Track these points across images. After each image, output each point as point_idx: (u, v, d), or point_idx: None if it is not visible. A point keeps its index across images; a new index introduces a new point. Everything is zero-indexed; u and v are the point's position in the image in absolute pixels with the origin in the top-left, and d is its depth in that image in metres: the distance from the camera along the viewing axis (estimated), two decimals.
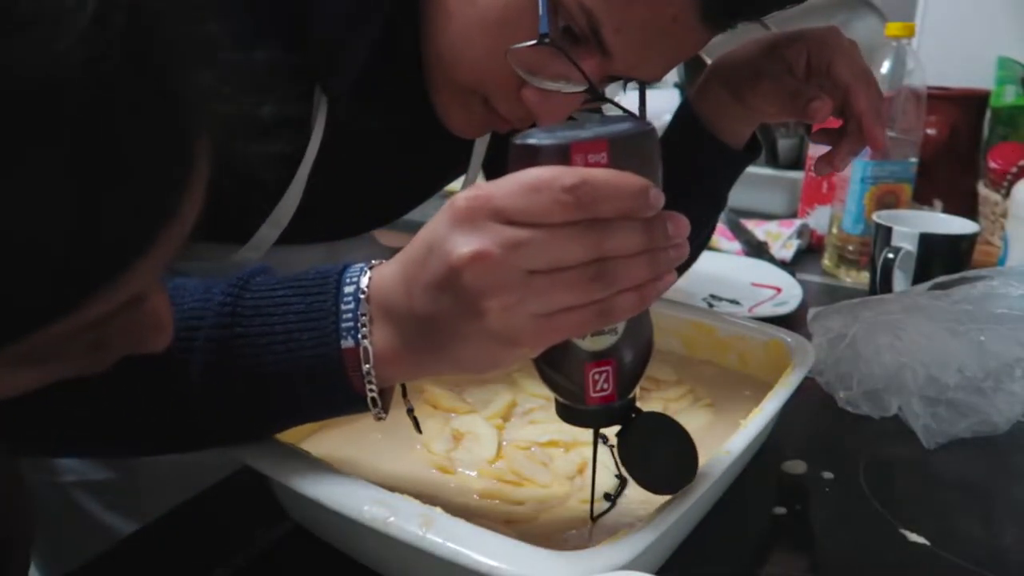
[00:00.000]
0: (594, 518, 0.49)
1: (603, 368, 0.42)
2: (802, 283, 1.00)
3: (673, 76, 1.46)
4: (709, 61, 0.70)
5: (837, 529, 0.55)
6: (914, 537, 0.53)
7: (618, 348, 0.42)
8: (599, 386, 0.42)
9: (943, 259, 0.88)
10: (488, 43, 0.53)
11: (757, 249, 1.15)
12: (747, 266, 1.08)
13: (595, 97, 0.54)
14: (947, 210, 1.12)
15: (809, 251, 1.20)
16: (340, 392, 0.43)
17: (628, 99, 0.67)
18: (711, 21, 0.51)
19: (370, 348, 0.42)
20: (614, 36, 0.51)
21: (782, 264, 1.10)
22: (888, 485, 0.60)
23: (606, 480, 0.52)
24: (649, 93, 0.62)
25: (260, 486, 0.56)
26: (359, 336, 0.42)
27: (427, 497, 0.43)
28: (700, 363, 0.70)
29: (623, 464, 0.45)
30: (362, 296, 0.42)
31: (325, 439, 0.57)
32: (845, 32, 0.64)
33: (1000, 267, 0.95)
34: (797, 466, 0.61)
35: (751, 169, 0.74)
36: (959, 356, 0.64)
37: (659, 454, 0.44)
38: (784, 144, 1.40)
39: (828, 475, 0.60)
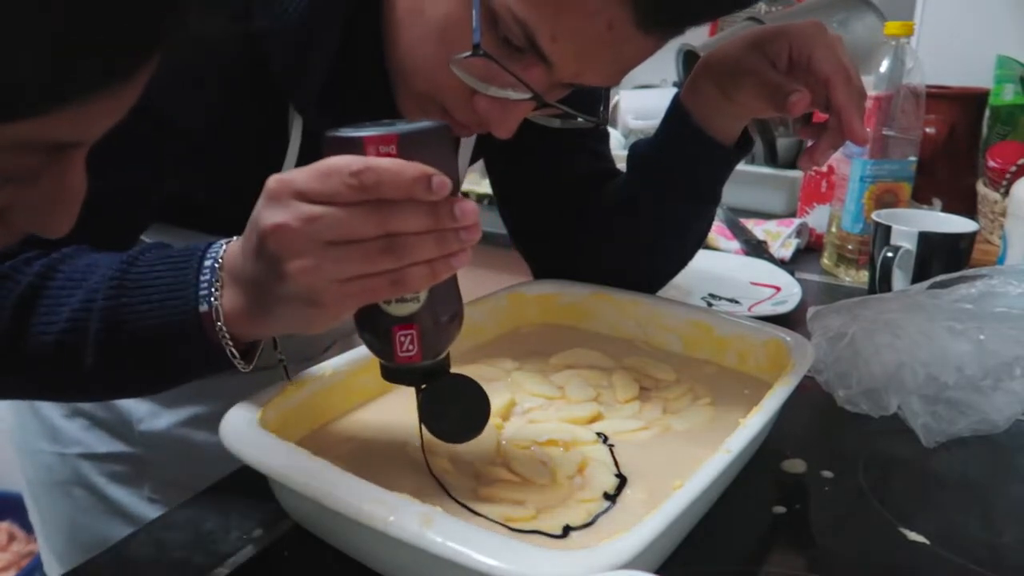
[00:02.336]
0: (593, 518, 0.49)
1: (407, 331, 0.48)
2: (801, 282, 1.00)
3: (673, 76, 1.46)
4: None
5: (836, 528, 0.55)
6: (913, 536, 0.53)
7: (421, 314, 0.48)
8: (405, 347, 0.48)
9: (942, 258, 0.88)
10: (434, 53, 0.55)
11: (756, 248, 1.15)
12: (746, 265, 1.08)
13: (541, 104, 0.56)
14: (946, 209, 1.12)
15: (808, 250, 1.20)
16: (204, 349, 0.50)
17: (629, 98, 0.68)
18: (649, 29, 0.52)
19: (220, 309, 0.49)
20: (551, 45, 0.52)
21: (781, 263, 1.10)
22: (887, 484, 0.60)
23: (606, 479, 0.52)
24: (649, 93, 0.64)
25: (260, 486, 0.56)
26: (211, 300, 0.49)
27: (427, 497, 0.43)
28: (699, 362, 0.70)
29: (420, 416, 0.51)
30: (216, 266, 0.50)
31: (325, 439, 0.57)
32: (844, 31, 0.65)
33: (999, 266, 0.95)
34: (796, 465, 0.61)
35: (750, 168, 0.74)
36: (958, 355, 0.64)
37: (454, 411, 0.51)
38: (783, 143, 1.40)
39: (827, 474, 0.60)
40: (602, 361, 0.70)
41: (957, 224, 0.92)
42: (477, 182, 1.53)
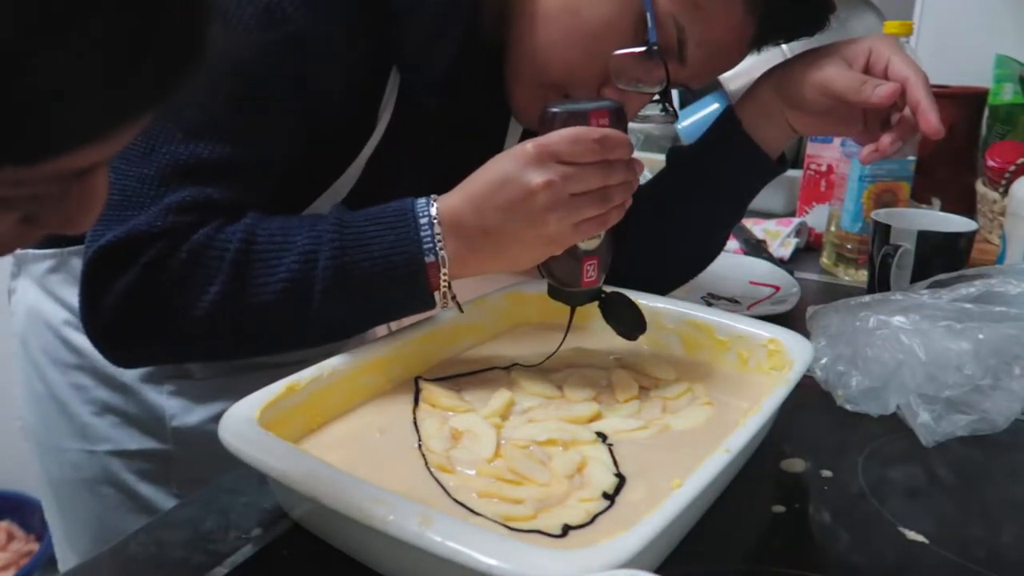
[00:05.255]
0: (592, 518, 0.49)
1: (592, 261, 0.62)
2: (800, 281, 1.00)
3: None
4: None
5: (836, 527, 0.55)
6: (913, 535, 0.53)
7: (601, 248, 0.62)
8: (589, 274, 0.62)
9: (941, 257, 0.88)
10: (589, 48, 0.63)
11: (755, 247, 1.15)
12: (745, 264, 1.08)
13: (662, 98, 0.65)
14: (945, 208, 1.12)
15: (807, 249, 1.20)
16: (423, 293, 0.60)
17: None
18: (761, 44, 0.64)
19: (446, 258, 0.59)
20: (695, 50, 0.62)
21: (780, 262, 1.10)
22: (887, 483, 0.60)
23: (605, 479, 0.52)
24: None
25: (260, 486, 0.56)
26: (437, 251, 0.58)
27: (426, 497, 0.43)
28: (699, 362, 0.70)
29: (608, 321, 0.67)
30: (435, 221, 0.58)
31: (325, 439, 0.57)
32: (843, 30, 0.68)
33: (998, 265, 0.95)
34: (796, 464, 0.61)
35: None
36: (958, 354, 0.64)
37: (625, 315, 0.67)
38: None
39: (827, 473, 0.60)
40: (601, 360, 0.70)
41: (956, 223, 0.92)
42: None
